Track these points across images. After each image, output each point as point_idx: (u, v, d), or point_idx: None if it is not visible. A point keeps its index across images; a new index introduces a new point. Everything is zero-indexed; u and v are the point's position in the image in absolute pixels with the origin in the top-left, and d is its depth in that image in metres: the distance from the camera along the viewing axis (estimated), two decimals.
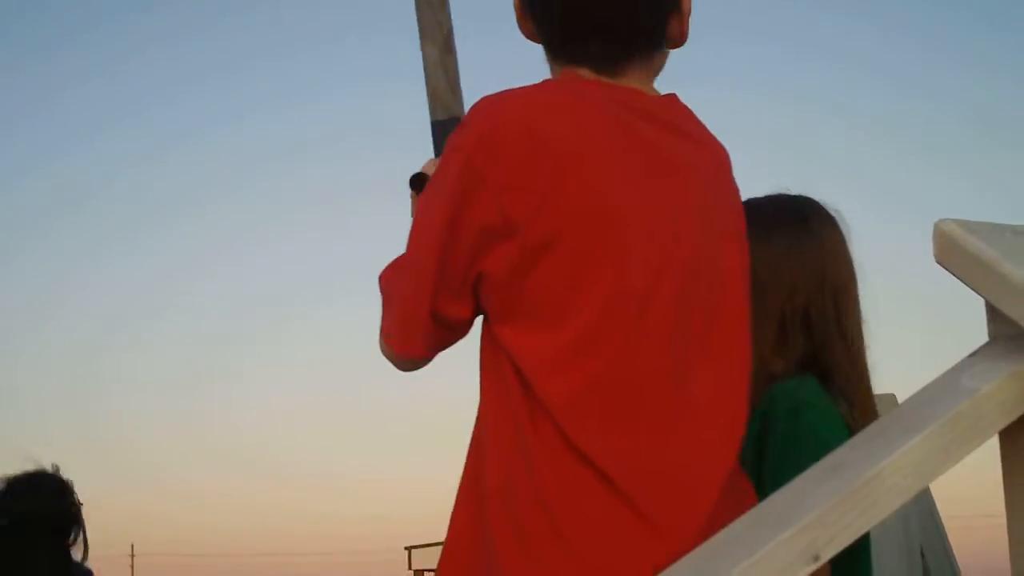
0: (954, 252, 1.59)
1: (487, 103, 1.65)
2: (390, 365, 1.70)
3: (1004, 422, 1.50)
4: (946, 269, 1.61)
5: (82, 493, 3.33)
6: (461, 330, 1.69)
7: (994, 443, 1.53)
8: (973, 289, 1.59)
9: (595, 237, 1.58)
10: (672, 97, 1.76)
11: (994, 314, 1.59)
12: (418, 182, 1.88)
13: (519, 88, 1.68)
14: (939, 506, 4.27)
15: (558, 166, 1.58)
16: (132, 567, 45.83)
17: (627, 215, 1.60)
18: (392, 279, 1.73)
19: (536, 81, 1.70)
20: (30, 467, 3.36)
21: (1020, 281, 1.52)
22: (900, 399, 2.05)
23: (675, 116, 1.74)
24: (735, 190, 1.77)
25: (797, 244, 1.85)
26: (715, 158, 1.77)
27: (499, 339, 1.61)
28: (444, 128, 1.97)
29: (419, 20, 2.03)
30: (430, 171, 1.86)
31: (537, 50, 1.80)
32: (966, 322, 1.68)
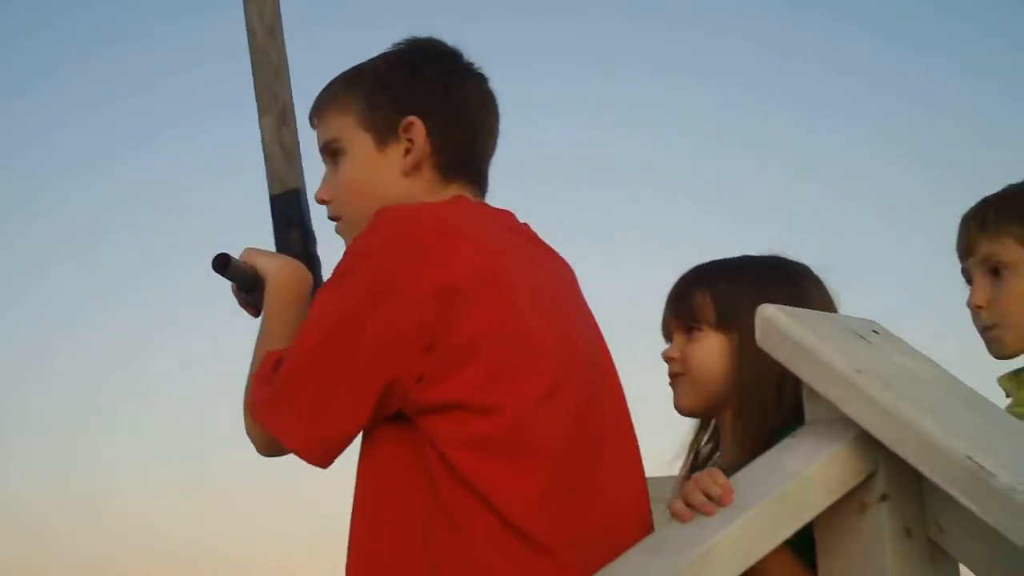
0: (776, 337, 1.67)
1: (391, 217, 1.65)
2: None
3: (827, 502, 1.58)
4: (769, 352, 1.69)
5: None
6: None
7: None
8: (794, 372, 1.67)
9: (513, 344, 1.62)
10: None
11: (813, 397, 1.67)
12: (219, 266, 1.81)
13: (429, 207, 1.72)
14: None
15: (475, 283, 1.61)
16: None
17: (535, 323, 1.66)
18: (296, 376, 1.64)
19: None
20: None
21: (838, 366, 1.60)
22: None
23: (533, 233, 1.84)
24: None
25: (791, 300, 1.80)
26: (571, 270, 1.88)
27: (424, 429, 1.60)
28: (282, 202, 1.97)
29: (256, 93, 2.03)
30: (250, 258, 1.84)
31: None
32: None
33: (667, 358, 1.97)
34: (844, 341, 1.68)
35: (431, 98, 1.80)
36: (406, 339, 1.58)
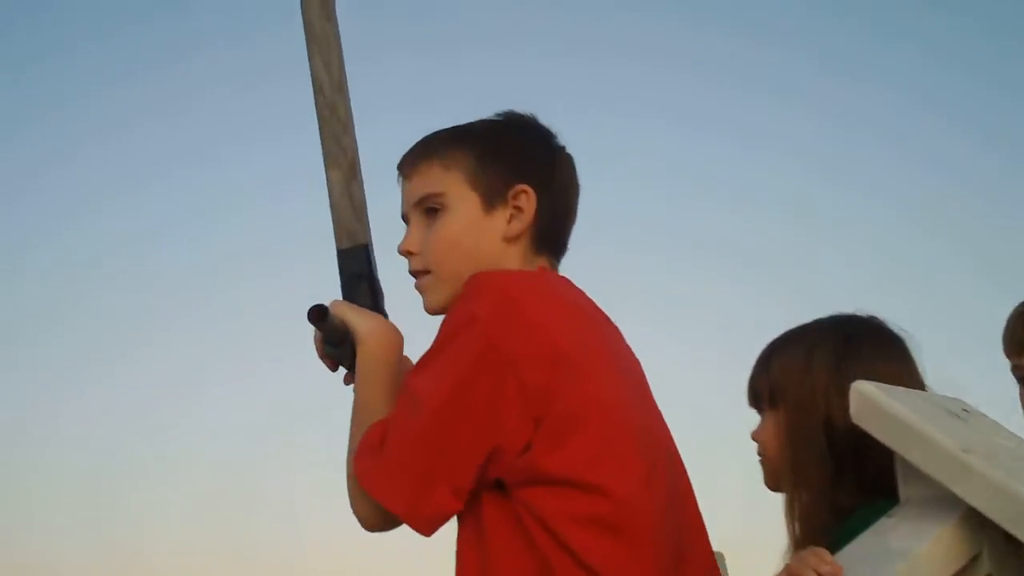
0: (874, 415, 1.65)
1: (496, 283, 1.65)
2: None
3: None
4: (866, 429, 1.67)
5: None
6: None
7: None
8: (892, 448, 1.65)
9: (615, 420, 1.61)
10: None
11: (912, 475, 1.65)
12: (317, 316, 1.76)
13: (526, 274, 1.73)
14: None
15: (580, 353, 1.61)
16: None
17: (631, 399, 1.67)
18: (405, 447, 1.61)
19: None
20: None
21: (945, 445, 1.59)
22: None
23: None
24: None
25: (839, 366, 1.81)
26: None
27: (527, 502, 1.57)
28: (349, 256, 1.92)
29: (323, 145, 1.98)
30: (340, 312, 1.78)
31: None
32: None
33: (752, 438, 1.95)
34: (943, 419, 1.67)
35: (541, 170, 1.80)
36: (514, 406, 1.56)
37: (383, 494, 1.61)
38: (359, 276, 1.91)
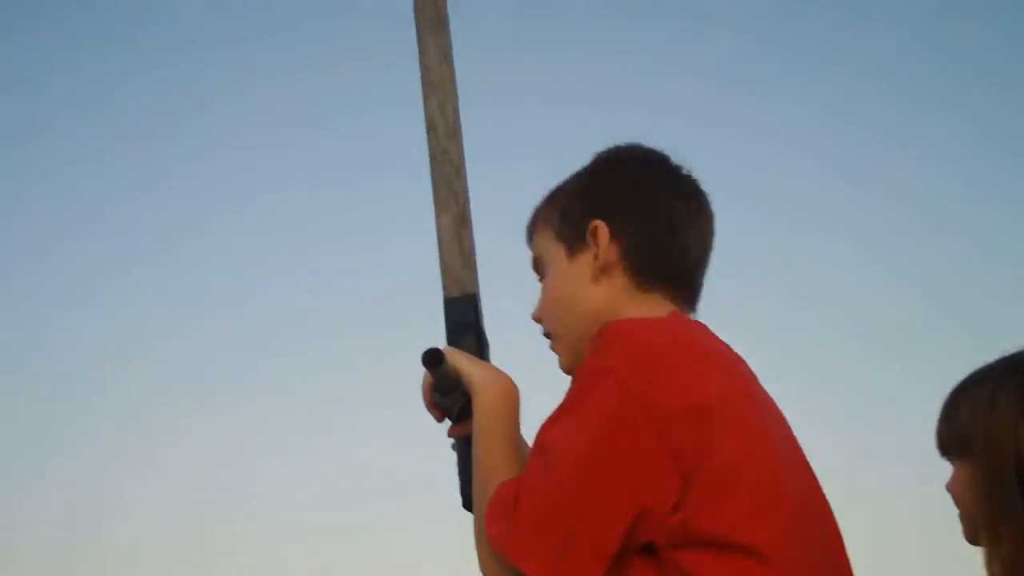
0: None
1: (626, 331, 1.56)
2: None
3: None
4: None
5: None
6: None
7: None
8: None
9: (766, 474, 1.52)
10: None
11: None
12: (433, 360, 1.71)
13: (656, 321, 1.63)
14: None
15: (722, 401, 1.51)
16: None
17: (777, 450, 1.58)
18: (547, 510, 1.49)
19: None
20: None
21: None
22: None
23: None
24: None
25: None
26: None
27: (680, 565, 1.47)
28: (458, 305, 1.87)
29: (434, 189, 1.94)
30: (455, 361, 1.72)
31: None
32: None
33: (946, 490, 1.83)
34: None
35: (617, 200, 1.72)
36: (659, 463, 1.46)
37: (520, 558, 1.49)
38: (466, 326, 1.85)
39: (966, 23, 6.38)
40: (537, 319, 1.78)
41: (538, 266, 1.79)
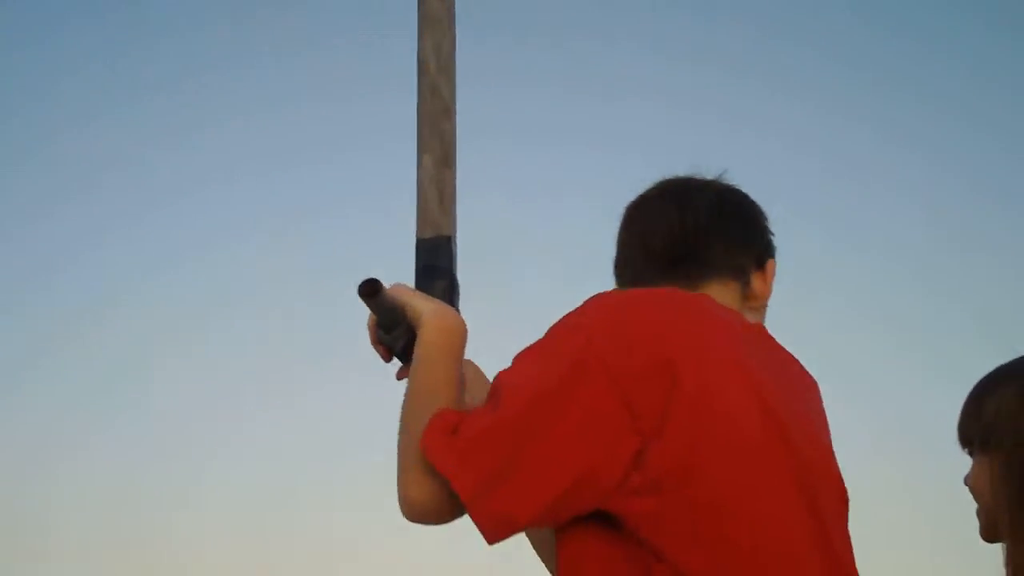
0: None
1: (607, 295, 1.55)
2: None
3: None
4: None
5: None
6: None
7: None
8: None
9: (752, 447, 1.44)
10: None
11: None
12: (369, 291, 1.61)
13: (636, 290, 1.59)
14: None
15: (697, 362, 1.44)
16: None
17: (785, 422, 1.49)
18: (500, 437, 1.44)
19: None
20: None
21: None
22: None
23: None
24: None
25: None
26: (814, 383, 1.67)
27: (645, 537, 1.41)
28: (431, 247, 1.78)
29: (419, 129, 1.84)
30: (401, 296, 1.64)
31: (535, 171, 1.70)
32: None
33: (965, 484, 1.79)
34: None
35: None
36: (616, 423, 1.40)
37: (454, 474, 1.42)
38: (436, 269, 1.76)
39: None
40: None
41: None
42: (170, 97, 6.62)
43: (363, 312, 1.68)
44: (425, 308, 1.62)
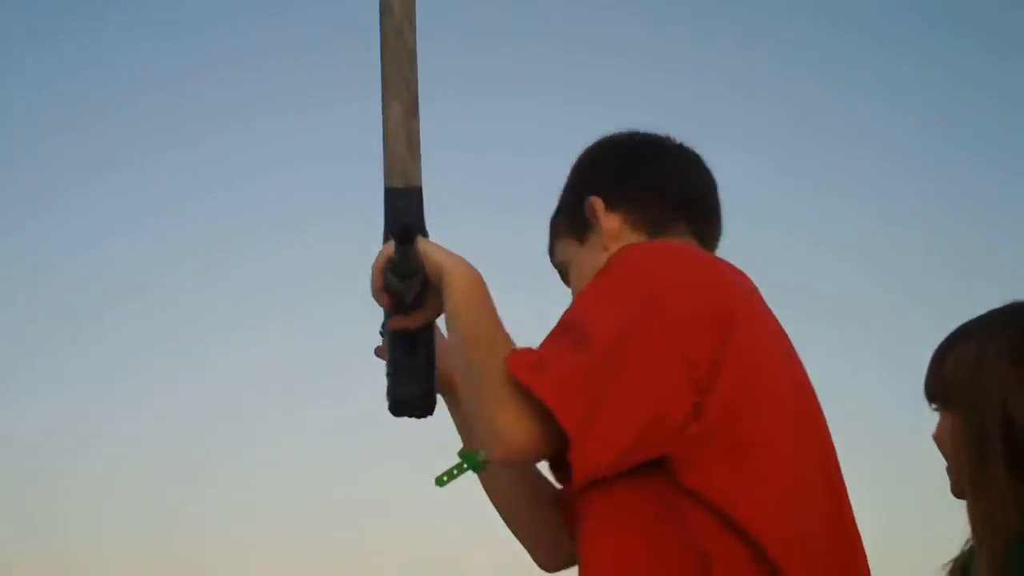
0: None
1: (650, 243, 1.64)
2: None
3: None
4: None
5: None
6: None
7: None
8: None
9: (773, 386, 1.53)
10: None
11: None
12: (405, 235, 1.59)
13: (676, 244, 1.67)
14: None
15: (748, 317, 1.53)
16: None
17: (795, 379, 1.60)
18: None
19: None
20: None
21: None
22: None
23: None
24: None
25: (1016, 359, 1.68)
26: None
27: (689, 486, 1.46)
28: (400, 198, 1.71)
29: (384, 77, 1.78)
30: (421, 246, 1.62)
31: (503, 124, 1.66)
32: None
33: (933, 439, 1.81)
34: None
35: (601, 172, 1.79)
36: (676, 372, 1.45)
37: (559, 405, 1.41)
38: (412, 222, 1.69)
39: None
40: None
41: (564, 274, 1.79)
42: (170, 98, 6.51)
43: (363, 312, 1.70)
44: (446, 260, 1.60)
